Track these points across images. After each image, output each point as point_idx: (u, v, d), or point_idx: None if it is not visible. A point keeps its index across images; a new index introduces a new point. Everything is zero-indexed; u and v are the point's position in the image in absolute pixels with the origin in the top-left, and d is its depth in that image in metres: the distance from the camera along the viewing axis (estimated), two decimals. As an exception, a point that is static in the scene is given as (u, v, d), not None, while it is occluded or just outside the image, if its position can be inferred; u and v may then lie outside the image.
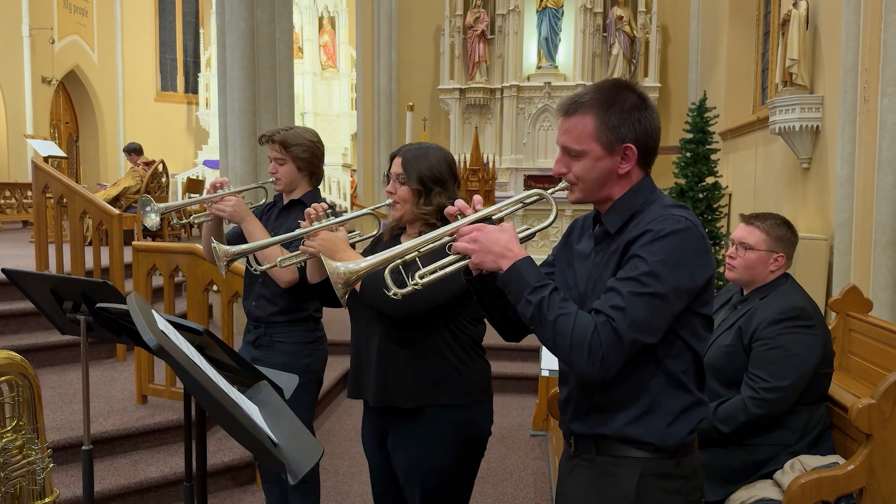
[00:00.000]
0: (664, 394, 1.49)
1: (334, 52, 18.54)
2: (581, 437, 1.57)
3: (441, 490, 2.10)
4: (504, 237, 1.46)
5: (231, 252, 2.08)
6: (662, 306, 1.41)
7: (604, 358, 1.37)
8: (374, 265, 1.46)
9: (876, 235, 4.98)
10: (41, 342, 4.74)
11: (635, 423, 1.49)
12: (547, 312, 1.40)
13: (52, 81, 15.09)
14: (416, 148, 2.14)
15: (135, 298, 1.31)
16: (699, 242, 1.45)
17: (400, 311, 1.97)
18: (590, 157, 1.50)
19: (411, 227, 2.16)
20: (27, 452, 2.67)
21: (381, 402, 2.09)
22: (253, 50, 5.88)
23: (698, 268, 1.45)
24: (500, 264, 1.45)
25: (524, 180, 10.93)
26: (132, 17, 17.80)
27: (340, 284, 1.45)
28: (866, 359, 3.58)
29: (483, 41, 11.03)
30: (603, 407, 1.52)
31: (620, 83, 1.55)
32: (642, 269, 1.40)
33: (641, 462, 1.50)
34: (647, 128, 1.51)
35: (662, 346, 1.46)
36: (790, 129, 6.32)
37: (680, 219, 1.45)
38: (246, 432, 1.16)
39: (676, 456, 1.51)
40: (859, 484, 2.05)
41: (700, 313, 1.50)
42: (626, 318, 1.38)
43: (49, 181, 5.36)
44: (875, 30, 4.97)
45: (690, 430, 1.52)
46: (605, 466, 1.53)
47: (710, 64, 9.90)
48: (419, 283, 1.47)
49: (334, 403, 5.20)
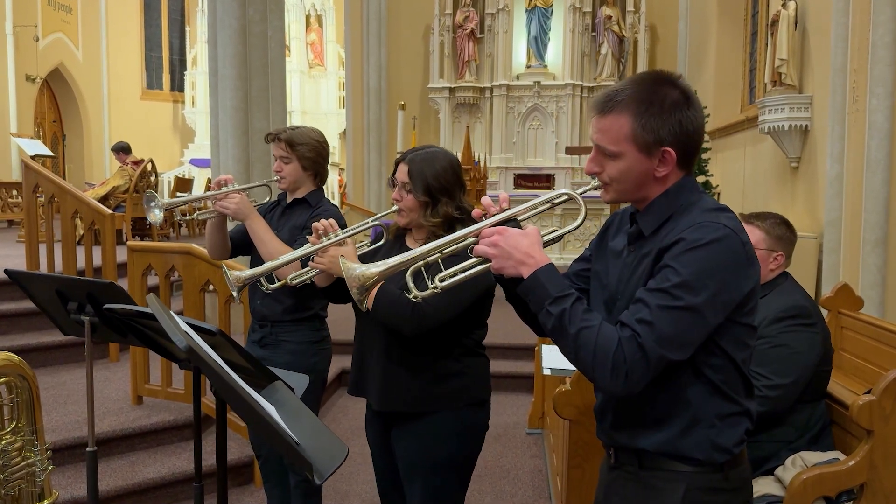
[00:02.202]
0: (706, 405, 1.40)
1: (322, 50, 18.51)
2: (623, 450, 1.50)
3: (440, 481, 2.14)
4: (525, 242, 1.38)
5: (242, 278, 2.09)
6: (695, 321, 1.31)
7: (628, 375, 1.29)
8: (391, 268, 1.41)
9: (865, 234, 5.05)
10: (33, 343, 4.70)
11: (679, 437, 1.41)
12: (569, 325, 1.33)
13: (36, 79, 14.93)
14: (422, 154, 2.10)
15: (154, 300, 1.31)
16: (738, 251, 1.35)
17: (411, 329, 1.97)
18: (625, 160, 1.40)
19: (417, 232, 2.15)
20: (26, 454, 2.65)
21: (385, 407, 2.12)
22: (245, 48, 5.86)
23: (737, 279, 1.35)
24: (520, 271, 1.38)
25: (514, 179, 10.96)
26: (117, 14, 17.65)
27: (356, 288, 1.41)
28: (858, 356, 3.63)
29: (473, 40, 11.05)
30: (644, 420, 1.44)
31: (661, 76, 1.43)
32: (674, 281, 1.31)
33: (687, 476, 1.41)
34: (688, 129, 1.40)
35: (701, 356, 1.38)
36: (779, 128, 6.39)
37: (718, 226, 1.35)
38: (275, 432, 1.16)
39: (724, 469, 1.43)
40: (861, 479, 2.07)
41: (743, 323, 1.40)
42: (653, 333, 1.29)
43: (40, 180, 5.31)
44: (864, 31, 5.04)
45: (737, 441, 1.43)
46: (649, 480, 1.45)
47: (698, 63, 9.98)
48: (439, 287, 1.42)
49: (330, 402, 5.19)
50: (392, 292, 1.96)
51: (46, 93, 16.17)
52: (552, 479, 3.68)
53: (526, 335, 5.56)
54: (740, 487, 1.47)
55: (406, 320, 1.95)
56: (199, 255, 3.86)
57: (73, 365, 4.76)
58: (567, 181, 10.80)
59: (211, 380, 1.18)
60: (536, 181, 10.88)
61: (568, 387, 2.36)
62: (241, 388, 1.16)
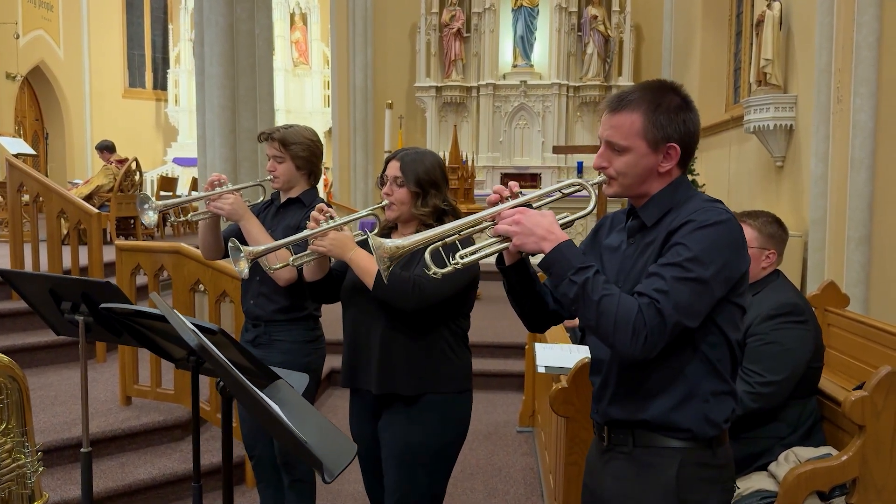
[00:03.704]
0: (702, 380, 1.52)
1: (306, 48, 18.42)
2: (618, 426, 1.59)
3: (423, 465, 2.19)
4: (546, 220, 1.49)
5: (253, 252, 2.10)
6: (705, 291, 1.44)
7: (647, 337, 1.40)
8: (417, 243, 1.51)
9: (849, 232, 5.12)
10: (19, 343, 4.64)
11: (676, 409, 1.51)
12: (592, 293, 1.42)
13: (16, 77, 14.73)
14: (412, 153, 2.25)
15: (160, 300, 1.30)
16: (738, 234, 1.50)
17: (413, 305, 2.07)
18: (634, 154, 1.53)
19: (404, 227, 2.26)
20: (16, 456, 2.62)
21: (384, 389, 2.18)
22: (232, 47, 5.82)
23: (738, 258, 1.49)
24: (542, 246, 1.48)
25: (501, 178, 10.98)
26: (98, 12, 17.43)
27: (387, 258, 1.50)
28: (844, 352, 3.68)
29: (459, 39, 11.06)
30: (643, 392, 1.54)
31: (666, 84, 1.58)
32: (686, 255, 1.44)
33: (680, 452, 1.52)
34: (690, 129, 1.55)
35: (700, 333, 1.50)
36: (764, 127, 6.46)
37: (721, 211, 1.50)
38: (286, 430, 1.16)
39: (713, 446, 1.54)
40: (853, 474, 2.10)
41: (736, 303, 1.53)
42: (670, 300, 1.41)
43: (25, 179, 5.25)
44: (848, 31, 5.10)
45: (725, 418, 1.55)
46: (644, 457, 1.55)
47: (683, 63, 10.05)
48: (460, 263, 1.51)
49: (319, 402, 5.18)
50: (393, 271, 2.01)
51: (27, 91, 15.96)
52: (544, 477, 3.70)
53: (515, 334, 5.58)
54: (726, 465, 1.59)
55: (407, 296, 2.05)
56: (189, 254, 3.83)
57: (59, 366, 4.71)
58: (553, 180, 10.84)
59: (223, 379, 1.18)
60: (523, 180, 10.90)
61: (565, 384, 2.37)
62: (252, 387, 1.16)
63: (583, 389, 2.34)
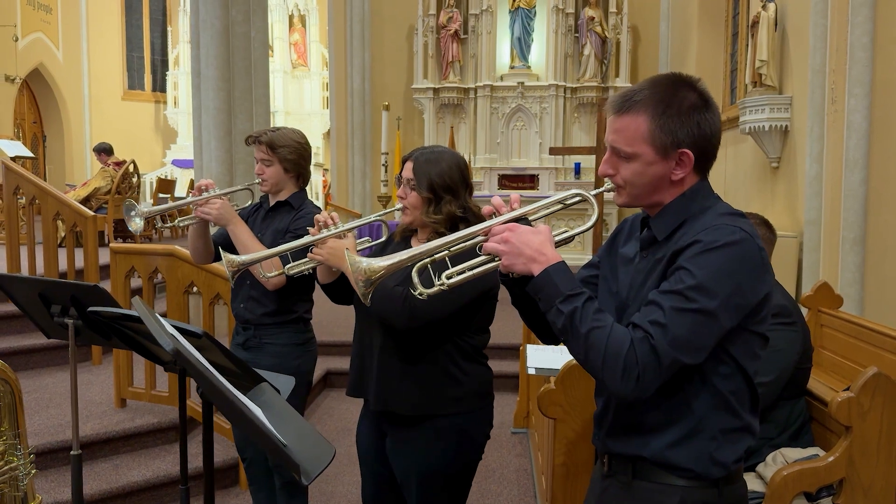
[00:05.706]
0: (710, 416, 1.36)
1: (305, 50, 18.45)
2: (617, 458, 1.46)
3: (439, 491, 2.11)
4: (537, 239, 1.34)
5: (238, 262, 2.06)
6: (708, 324, 1.27)
7: (639, 377, 1.25)
8: (398, 263, 1.36)
9: (844, 233, 5.13)
10: (13, 346, 4.65)
11: (677, 446, 1.37)
12: (579, 324, 1.28)
13: (15, 80, 14.76)
14: (428, 153, 2.09)
15: (140, 303, 1.31)
16: (754, 256, 1.31)
17: (402, 323, 1.95)
18: (641, 161, 1.36)
19: (422, 232, 2.12)
20: (9, 458, 2.63)
21: (381, 406, 2.09)
22: (227, 50, 5.84)
23: (752, 282, 1.30)
24: (530, 268, 1.33)
25: (498, 180, 10.99)
26: (98, 14, 17.47)
27: (362, 282, 1.36)
28: (837, 353, 3.68)
29: (456, 41, 11.06)
30: (643, 426, 1.39)
31: (680, 79, 1.39)
32: (688, 283, 1.27)
33: (681, 490, 1.38)
34: (706, 132, 1.36)
35: (710, 364, 1.33)
36: (760, 128, 6.46)
37: (734, 229, 1.31)
38: (263, 433, 1.17)
39: (719, 485, 1.39)
40: (840, 475, 2.11)
41: (755, 332, 1.36)
42: (667, 335, 1.25)
43: (21, 182, 5.26)
44: (842, 32, 5.11)
45: (736, 458, 1.39)
46: (642, 492, 1.41)
47: (680, 64, 10.06)
48: (445, 284, 1.37)
49: (315, 404, 5.18)
50: (385, 285, 1.92)
51: (26, 93, 15.99)
52: (537, 478, 3.71)
53: (511, 335, 5.58)
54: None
55: (397, 313, 1.93)
56: (183, 256, 3.85)
57: (54, 368, 4.73)
58: (551, 181, 10.84)
59: (198, 382, 1.19)
60: (520, 181, 10.91)
61: (552, 386, 2.38)
62: (228, 390, 1.16)
63: (570, 391, 2.34)
